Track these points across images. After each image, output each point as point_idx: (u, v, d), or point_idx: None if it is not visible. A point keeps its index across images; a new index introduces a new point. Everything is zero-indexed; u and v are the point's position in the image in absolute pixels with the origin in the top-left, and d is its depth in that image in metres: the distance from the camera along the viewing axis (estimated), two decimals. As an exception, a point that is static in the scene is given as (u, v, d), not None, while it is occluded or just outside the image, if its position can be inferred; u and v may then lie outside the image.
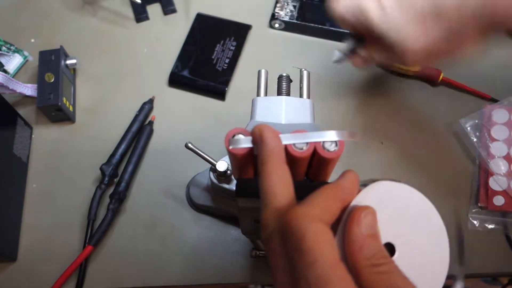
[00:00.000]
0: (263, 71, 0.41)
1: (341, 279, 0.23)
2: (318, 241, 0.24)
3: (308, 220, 0.24)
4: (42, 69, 0.58)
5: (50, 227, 0.55)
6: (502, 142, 0.55)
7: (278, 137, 0.29)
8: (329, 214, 0.26)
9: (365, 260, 0.25)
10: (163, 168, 0.58)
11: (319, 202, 0.26)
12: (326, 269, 0.23)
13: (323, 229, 0.24)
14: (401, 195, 0.28)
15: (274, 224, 0.26)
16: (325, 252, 0.24)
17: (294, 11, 0.65)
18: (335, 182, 0.28)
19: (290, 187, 0.28)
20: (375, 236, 0.26)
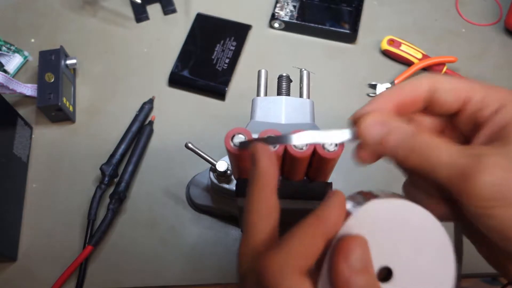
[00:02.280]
0: (263, 71, 0.41)
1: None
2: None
3: (284, 272, 0.22)
4: (42, 69, 0.58)
5: (50, 227, 0.55)
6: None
7: (272, 163, 0.26)
8: (309, 257, 0.23)
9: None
10: (163, 168, 0.58)
11: (298, 245, 0.23)
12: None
13: (299, 282, 0.22)
14: (397, 213, 0.25)
15: (250, 264, 0.24)
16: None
17: (294, 11, 0.65)
18: (316, 212, 0.24)
19: (274, 223, 0.26)
20: (365, 270, 0.23)
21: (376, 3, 0.68)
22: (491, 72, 0.63)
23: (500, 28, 0.66)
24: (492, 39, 0.65)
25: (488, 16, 0.67)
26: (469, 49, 0.65)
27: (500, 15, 0.67)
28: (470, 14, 0.67)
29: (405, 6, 0.68)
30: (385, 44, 0.63)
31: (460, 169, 0.23)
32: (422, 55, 0.62)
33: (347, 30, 0.64)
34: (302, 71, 0.41)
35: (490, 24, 0.67)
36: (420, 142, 0.25)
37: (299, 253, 0.23)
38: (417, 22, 0.67)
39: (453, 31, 0.66)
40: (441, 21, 0.67)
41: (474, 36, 0.66)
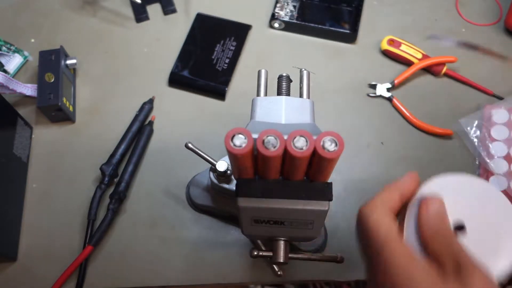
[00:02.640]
0: (263, 71, 0.41)
1: (394, 249, 0.31)
2: (377, 226, 0.33)
3: (373, 209, 0.33)
4: (42, 69, 0.58)
5: (50, 227, 0.55)
6: (502, 142, 0.55)
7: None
8: (389, 203, 0.34)
9: (431, 233, 0.32)
10: (163, 168, 0.58)
11: (381, 194, 0.35)
12: (380, 242, 0.32)
13: (383, 214, 0.33)
14: (462, 183, 0.35)
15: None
16: (381, 230, 0.32)
17: (294, 11, 0.65)
18: (396, 181, 0.36)
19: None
20: (440, 217, 0.33)
21: (376, 3, 0.68)
22: (490, 72, 0.63)
23: (500, 28, 0.66)
24: (492, 39, 0.65)
25: (488, 16, 0.67)
26: (469, 49, 0.65)
27: (500, 15, 0.67)
28: (470, 14, 0.67)
29: (405, 6, 0.68)
30: (385, 44, 0.63)
31: None
32: (422, 55, 0.62)
33: (347, 30, 0.64)
34: (302, 71, 0.41)
35: (490, 24, 0.67)
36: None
37: (382, 199, 0.34)
38: (417, 22, 0.67)
39: (453, 31, 0.66)
40: (441, 21, 0.67)
41: (474, 36, 0.66)
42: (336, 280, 0.53)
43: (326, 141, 0.31)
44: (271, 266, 0.49)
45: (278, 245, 0.39)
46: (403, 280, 0.30)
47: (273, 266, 0.49)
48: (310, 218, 0.35)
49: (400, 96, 0.61)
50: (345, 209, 0.55)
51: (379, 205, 0.33)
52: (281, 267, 0.48)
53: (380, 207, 0.33)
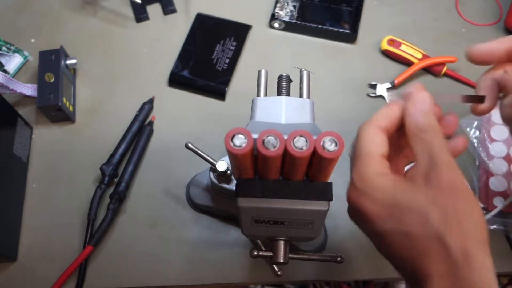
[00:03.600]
0: (263, 71, 0.41)
1: (369, 164, 0.32)
2: (368, 140, 0.33)
3: (367, 126, 0.33)
4: (42, 69, 0.58)
5: (50, 227, 0.55)
6: (502, 143, 0.55)
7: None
8: (387, 121, 0.33)
9: (414, 128, 0.32)
10: (163, 168, 0.58)
11: (380, 112, 0.34)
12: (361, 159, 0.32)
13: (375, 132, 0.33)
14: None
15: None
16: (367, 148, 0.33)
17: (294, 11, 0.65)
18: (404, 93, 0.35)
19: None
20: (426, 112, 0.32)
21: (376, 3, 0.68)
22: (491, 72, 0.63)
23: (500, 28, 0.66)
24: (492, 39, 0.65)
25: (488, 16, 0.67)
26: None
27: (500, 15, 0.67)
28: (470, 14, 0.67)
29: (405, 6, 0.68)
30: (385, 44, 0.63)
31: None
32: (422, 55, 0.62)
33: (347, 30, 0.64)
34: (302, 71, 0.41)
35: (490, 24, 0.67)
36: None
37: (379, 116, 0.34)
38: (417, 22, 0.67)
39: (453, 31, 0.66)
40: (441, 21, 0.67)
41: (474, 36, 0.66)
42: (336, 280, 0.53)
43: (326, 141, 0.31)
44: (271, 266, 0.49)
45: (278, 245, 0.39)
46: (368, 189, 0.31)
47: (273, 266, 0.49)
48: (310, 218, 0.35)
49: (400, 96, 0.61)
50: (345, 209, 0.54)
51: (376, 121, 0.34)
52: (281, 267, 0.48)
53: (377, 124, 0.33)
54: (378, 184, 0.31)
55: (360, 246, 0.53)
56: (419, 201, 0.29)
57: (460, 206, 0.29)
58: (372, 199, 0.31)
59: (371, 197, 0.31)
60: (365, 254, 0.53)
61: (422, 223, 0.29)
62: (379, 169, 0.32)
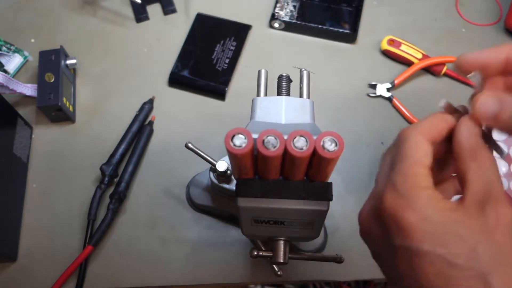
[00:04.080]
0: (263, 71, 0.41)
1: (417, 173, 0.29)
2: (415, 146, 0.29)
3: (414, 132, 0.30)
4: (42, 69, 0.58)
5: (50, 227, 0.55)
6: (502, 143, 0.55)
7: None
8: (435, 131, 0.30)
9: (469, 149, 0.29)
10: (163, 168, 0.58)
11: (428, 121, 0.31)
12: (409, 164, 0.29)
13: (422, 140, 0.30)
14: None
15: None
16: (415, 153, 0.29)
17: (294, 11, 0.65)
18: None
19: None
20: (481, 138, 0.30)
21: (376, 3, 0.68)
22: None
23: (500, 28, 0.66)
24: (492, 39, 0.65)
25: (488, 16, 0.67)
26: (469, 49, 0.64)
27: (500, 15, 0.67)
28: (470, 14, 0.67)
29: (405, 6, 0.68)
30: (385, 44, 0.63)
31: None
32: (422, 55, 0.62)
33: (347, 30, 0.64)
34: (302, 71, 0.41)
35: (490, 24, 0.67)
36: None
37: (428, 126, 0.30)
38: (417, 22, 0.67)
39: (453, 31, 0.66)
40: (441, 21, 0.67)
41: (474, 36, 0.66)
42: (336, 280, 0.53)
43: (326, 141, 0.31)
44: (271, 266, 0.49)
45: (278, 245, 0.39)
46: (414, 199, 0.28)
47: (273, 266, 0.49)
48: (310, 218, 0.35)
49: (400, 96, 0.61)
50: (345, 209, 0.55)
51: (423, 130, 0.30)
52: (281, 267, 0.48)
53: (425, 134, 0.30)
54: (427, 198, 0.28)
55: (360, 246, 0.53)
56: (471, 230, 0.27)
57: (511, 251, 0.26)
58: (417, 211, 0.28)
59: (417, 209, 0.28)
60: (365, 254, 0.52)
61: (470, 255, 0.26)
62: (427, 182, 0.29)
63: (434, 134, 0.30)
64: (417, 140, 0.30)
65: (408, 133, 0.30)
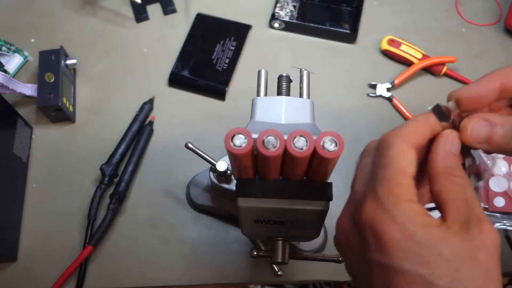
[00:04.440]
0: (263, 71, 0.41)
1: (401, 184, 0.27)
2: (399, 153, 0.28)
3: (398, 138, 0.28)
4: (42, 69, 0.58)
5: (50, 227, 0.55)
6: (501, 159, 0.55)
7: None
8: (418, 137, 0.29)
9: (444, 169, 0.28)
10: (163, 168, 0.58)
11: (412, 125, 0.29)
12: (392, 172, 0.27)
13: (407, 147, 0.28)
14: None
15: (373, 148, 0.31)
16: (399, 161, 0.27)
17: (294, 11, 0.65)
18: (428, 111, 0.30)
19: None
20: (457, 156, 0.29)
21: (376, 3, 0.68)
22: (491, 72, 0.63)
23: (500, 28, 0.66)
24: (492, 39, 0.65)
25: (488, 16, 0.67)
26: (469, 49, 0.65)
27: (500, 15, 0.67)
28: (470, 14, 0.67)
29: (405, 6, 0.68)
30: (385, 44, 0.63)
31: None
32: (422, 55, 0.62)
33: (347, 30, 0.64)
34: (302, 71, 0.41)
35: (490, 24, 0.67)
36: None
37: (412, 131, 0.29)
38: (417, 22, 0.67)
39: (453, 31, 0.66)
40: (441, 21, 0.67)
41: (474, 36, 0.66)
42: (336, 280, 0.53)
43: (326, 141, 0.31)
44: (271, 266, 0.49)
45: (278, 245, 0.39)
46: (398, 213, 0.26)
47: (273, 266, 0.49)
48: (310, 218, 0.35)
49: (400, 96, 0.61)
50: (345, 209, 0.54)
51: (408, 136, 0.28)
52: (281, 267, 0.48)
53: (409, 140, 0.28)
54: (410, 212, 0.26)
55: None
56: (455, 250, 0.25)
57: (495, 272, 0.26)
58: (399, 226, 0.26)
59: (399, 224, 0.26)
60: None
61: (453, 276, 0.25)
62: (411, 195, 0.27)
63: (417, 140, 0.29)
64: (401, 147, 0.28)
65: (391, 139, 0.29)
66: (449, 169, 0.28)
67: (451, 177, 0.28)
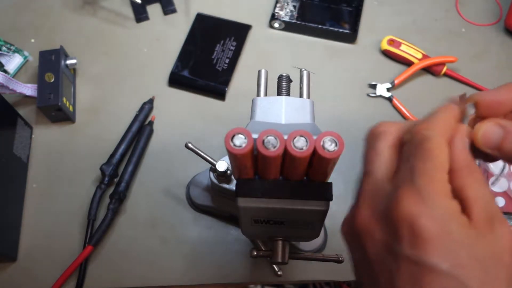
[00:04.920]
0: (263, 71, 0.41)
1: (442, 180, 0.26)
2: (438, 148, 0.27)
3: (434, 132, 0.28)
4: (42, 69, 0.58)
5: (50, 227, 0.55)
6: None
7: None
8: (450, 131, 0.28)
9: (466, 163, 0.27)
10: (163, 168, 0.58)
11: (444, 118, 0.29)
12: (433, 167, 0.26)
13: (444, 142, 0.27)
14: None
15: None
16: (440, 156, 0.27)
17: (294, 11, 0.65)
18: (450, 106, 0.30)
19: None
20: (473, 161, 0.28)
21: (376, 3, 0.68)
22: (491, 72, 0.63)
23: (500, 28, 0.66)
24: (492, 39, 0.65)
25: (488, 16, 0.67)
26: (469, 49, 0.65)
27: (500, 15, 0.67)
28: (470, 14, 0.67)
29: (405, 6, 0.68)
30: (385, 44, 0.63)
31: None
32: (422, 55, 0.62)
33: (347, 30, 0.64)
34: (302, 71, 0.41)
35: (490, 24, 0.67)
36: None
37: (444, 124, 0.28)
38: (417, 22, 0.67)
39: (453, 31, 0.66)
40: (441, 21, 0.67)
41: (474, 36, 0.66)
42: (336, 280, 0.53)
43: (326, 141, 0.31)
44: (271, 266, 0.49)
45: (278, 245, 0.39)
46: (436, 207, 0.26)
47: (273, 266, 0.49)
48: (310, 218, 0.35)
49: (400, 96, 0.61)
50: (345, 209, 0.54)
51: (444, 130, 0.28)
52: (281, 267, 0.48)
53: (444, 135, 0.28)
54: (450, 209, 0.26)
55: (360, 246, 0.53)
56: (485, 251, 0.25)
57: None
58: (439, 223, 0.25)
59: (439, 220, 0.25)
60: (365, 254, 0.53)
61: (484, 279, 0.24)
62: (449, 192, 0.27)
63: (449, 134, 0.28)
64: (439, 142, 0.27)
65: (428, 133, 0.28)
66: (470, 164, 0.28)
67: (473, 173, 0.27)
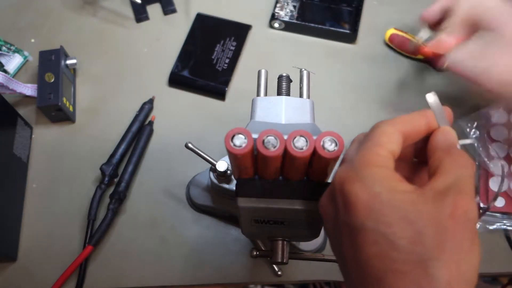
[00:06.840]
0: (263, 71, 0.41)
1: (376, 154, 0.28)
2: (381, 132, 0.29)
3: (385, 123, 0.29)
4: (42, 69, 0.58)
5: (50, 227, 0.55)
6: (502, 143, 0.55)
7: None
8: (409, 125, 0.30)
9: (444, 143, 0.29)
10: (163, 168, 0.58)
11: (405, 115, 0.30)
12: (370, 144, 0.28)
13: (392, 130, 0.29)
14: None
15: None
16: (380, 138, 0.28)
17: (294, 11, 0.65)
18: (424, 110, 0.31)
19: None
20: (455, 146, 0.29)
21: (376, 3, 0.68)
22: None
23: (500, 28, 0.66)
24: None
25: (488, 16, 0.67)
26: (469, 49, 0.65)
27: (500, 15, 0.67)
28: (470, 14, 0.67)
29: (405, 6, 0.68)
30: (392, 30, 0.63)
31: None
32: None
33: (347, 30, 0.64)
34: (302, 71, 0.41)
35: (490, 24, 0.66)
36: None
37: (402, 118, 0.30)
38: (417, 22, 0.67)
39: (453, 31, 0.66)
40: (441, 21, 0.67)
41: (474, 36, 0.65)
42: (336, 280, 0.53)
43: (326, 141, 0.31)
44: (271, 266, 0.49)
45: (278, 245, 0.39)
46: (366, 176, 0.27)
47: (273, 266, 0.49)
48: (310, 218, 0.35)
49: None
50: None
51: (397, 124, 0.29)
52: (281, 267, 0.48)
53: (398, 128, 0.29)
54: (380, 175, 0.27)
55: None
56: (421, 214, 0.25)
57: (465, 242, 0.25)
58: (366, 187, 0.26)
59: (366, 185, 0.27)
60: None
61: (414, 238, 0.25)
62: (385, 163, 0.28)
63: (406, 127, 0.29)
64: (385, 129, 0.29)
65: (380, 123, 0.29)
66: (450, 144, 0.29)
67: (451, 154, 0.28)
